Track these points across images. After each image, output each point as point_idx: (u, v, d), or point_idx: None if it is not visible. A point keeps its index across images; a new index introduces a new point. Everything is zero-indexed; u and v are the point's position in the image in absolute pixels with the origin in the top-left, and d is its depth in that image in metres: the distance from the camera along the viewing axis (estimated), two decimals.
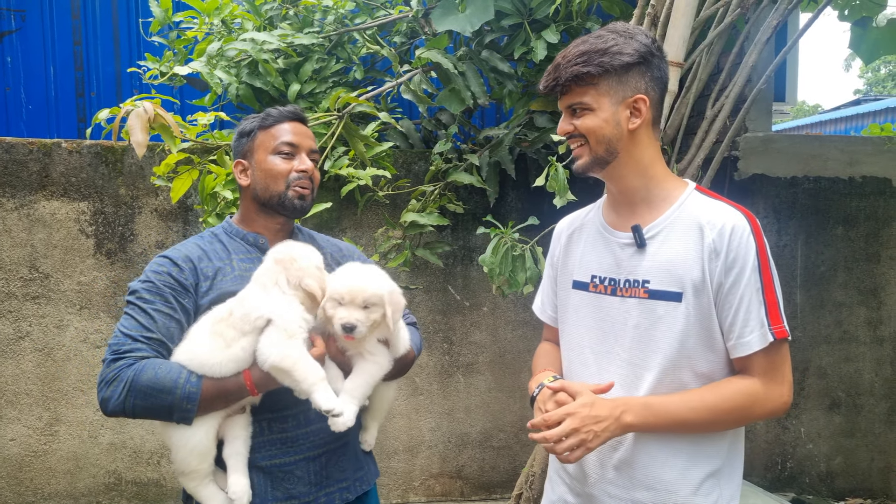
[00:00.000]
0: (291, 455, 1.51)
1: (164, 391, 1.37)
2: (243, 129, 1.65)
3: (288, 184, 1.59)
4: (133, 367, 1.40)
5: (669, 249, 1.36)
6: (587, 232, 1.52)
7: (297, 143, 1.61)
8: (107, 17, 3.79)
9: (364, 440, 1.68)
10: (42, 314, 3.22)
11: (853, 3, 3.46)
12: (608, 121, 1.35)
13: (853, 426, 3.65)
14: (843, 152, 3.62)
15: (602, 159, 1.38)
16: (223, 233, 1.65)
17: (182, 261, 1.53)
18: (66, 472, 3.27)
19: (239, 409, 1.50)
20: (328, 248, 1.74)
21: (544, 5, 3.06)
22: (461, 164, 3.15)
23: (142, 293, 1.48)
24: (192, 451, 1.42)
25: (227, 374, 1.42)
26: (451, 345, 3.49)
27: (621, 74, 1.34)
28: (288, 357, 1.39)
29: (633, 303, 1.39)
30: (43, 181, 3.19)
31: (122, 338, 1.43)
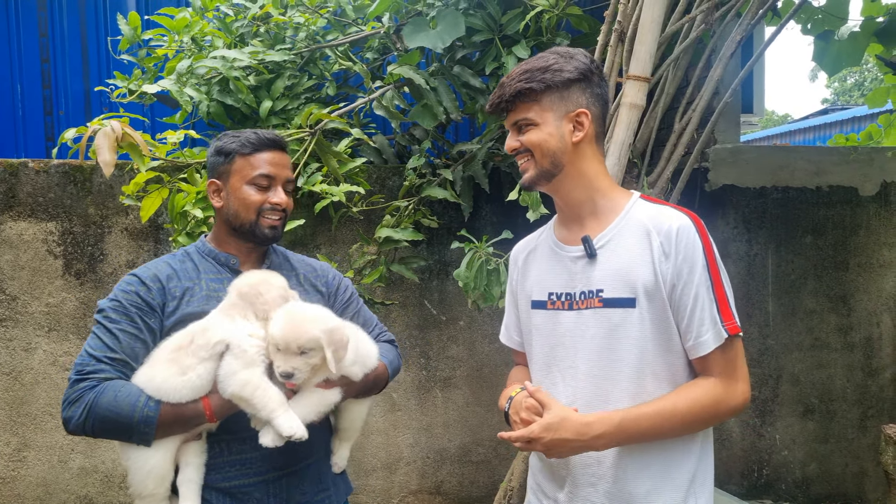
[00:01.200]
0: (251, 476, 1.51)
1: (122, 414, 1.39)
2: (222, 147, 1.63)
3: (259, 213, 1.59)
4: (95, 389, 1.41)
5: (620, 256, 1.39)
6: (541, 252, 1.56)
7: (275, 175, 1.60)
8: (75, 35, 3.76)
9: (334, 462, 1.66)
10: (9, 337, 3.15)
11: (815, 17, 3.54)
12: (552, 134, 1.40)
13: (827, 432, 3.70)
14: (810, 162, 3.69)
15: (548, 172, 1.42)
16: (195, 252, 1.65)
17: (150, 280, 1.54)
18: (35, 498, 3.19)
19: (194, 436, 1.49)
20: (301, 269, 1.73)
21: (514, 21, 3.09)
22: (435, 178, 3.16)
23: (109, 312, 1.49)
24: (149, 474, 1.43)
25: (184, 401, 1.41)
26: (428, 360, 3.48)
27: (563, 90, 1.40)
28: (248, 385, 1.39)
29: (589, 314, 1.41)
30: (9, 201, 3.14)
31: (87, 358, 1.45)
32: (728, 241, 3.62)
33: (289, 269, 1.71)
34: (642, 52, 2.56)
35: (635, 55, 2.58)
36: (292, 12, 3.29)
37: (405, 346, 3.44)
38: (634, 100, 2.53)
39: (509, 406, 1.47)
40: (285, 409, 1.40)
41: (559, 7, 3.02)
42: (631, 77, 2.54)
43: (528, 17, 2.99)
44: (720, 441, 3.63)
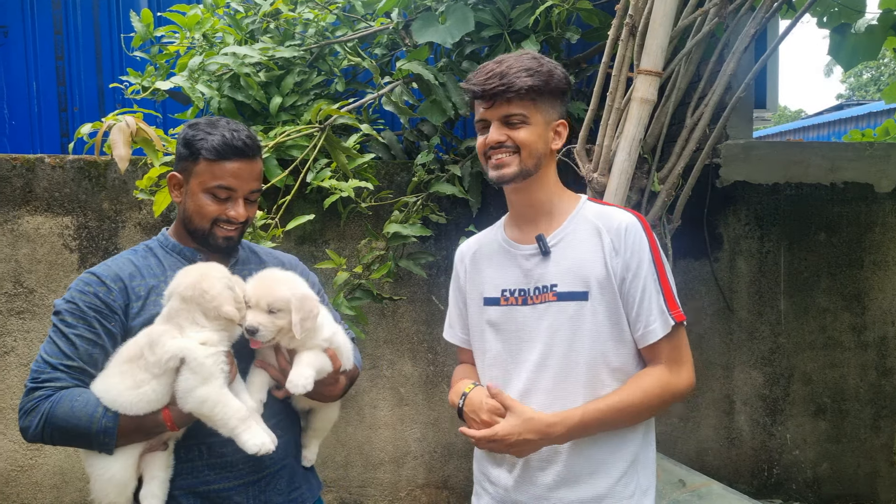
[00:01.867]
0: (230, 480, 1.49)
1: (79, 426, 1.35)
2: (190, 140, 1.51)
3: (213, 223, 1.51)
4: (50, 399, 1.37)
5: (573, 253, 1.47)
6: (490, 251, 1.61)
7: (235, 188, 1.50)
8: (89, 33, 3.81)
9: (305, 457, 1.66)
10: (27, 329, 3.21)
11: (832, 10, 3.49)
12: (541, 136, 1.46)
13: (839, 432, 3.66)
14: (825, 158, 3.64)
15: (528, 172, 1.46)
16: (158, 246, 1.58)
17: (111, 279, 1.46)
18: (52, 486, 3.26)
19: (160, 445, 1.46)
20: (270, 262, 1.69)
21: (524, 16, 3.08)
22: (443, 174, 3.16)
23: (65, 315, 1.42)
24: (109, 482, 1.40)
25: (141, 413, 1.38)
26: (435, 355, 3.49)
27: (555, 98, 1.47)
28: (206, 401, 1.36)
29: (543, 308, 1.48)
30: (26, 196, 3.19)
31: (43, 364, 1.40)
32: (740, 238, 3.59)
33: (257, 262, 1.67)
34: (654, 46, 2.54)
35: (647, 49, 2.56)
36: (302, 9, 3.31)
37: (412, 342, 3.46)
38: (645, 95, 2.51)
39: (463, 402, 1.53)
40: (247, 424, 1.38)
41: (569, 1, 3.00)
42: (642, 72, 2.53)
43: (537, 12, 2.98)
44: (730, 440, 3.61)
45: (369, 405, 3.43)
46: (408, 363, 3.45)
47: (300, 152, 2.91)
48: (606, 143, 2.67)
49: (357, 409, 3.42)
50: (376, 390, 3.43)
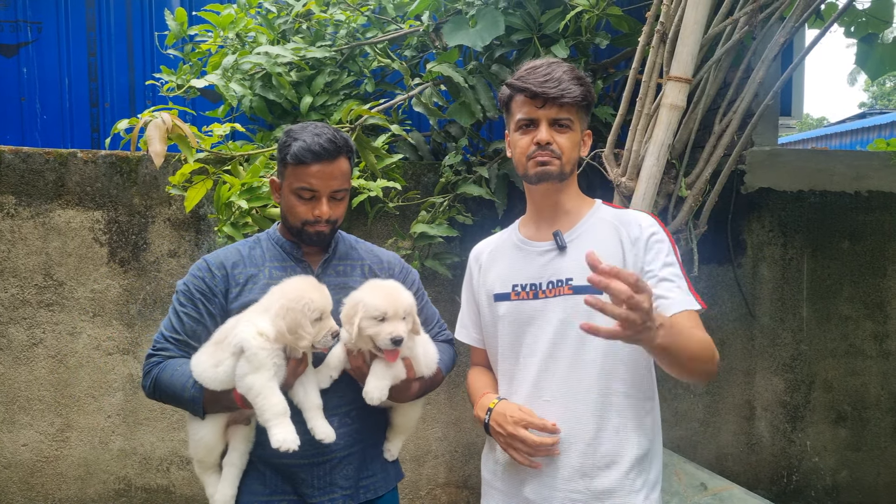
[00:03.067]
0: (298, 458, 1.58)
1: (175, 392, 1.58)
2: (283, 142, 1.62)
3: (304, 223, 1.63)
4: (159, 366, 1.62)
5: (589, 247, 1.44)
6: (504, 249, 1.66)
7: (319, 189, 1.59)
8: (121, 30, 3.86)
9: (387, 449, 1.76)
10: (56, 321, 3.26)
11: (859, 20, 3.50)
12: (577, 143, 1.54)
13: (859, 440, 3.66)
14: (850, 167, 3.65)
15: (564, 175, 1.53)
16: (266, 238, 1.74)
17: (216, 266, 1.65)
18: (76, 477, 3.30)
19: (244, 420, 1.62)
20: (368, 259, 1.78)
21: (554, 21, 3.10)
22: (470, 176, 3.19)
23: (179, 295, 1.65)
24: (198, 443, 1.61)
25: (217, 389, 1.54)
26: (458, 355, 3.50)
27: (588, 109, 1.56)
28: (251, 389, 1.47)
29: (556, 301, 1.51)
30: (59, 190, 3.24)
31: (160, 336, 1.65)
32: (763, 244, 3.60)
33: (355, 258, 1.76)
34: (684, 53, 2.56)
35: (677, 56, 2.57)
36: (333, 10, 3.34)
37: None
38: (675, 101, 2.53)
39: (489, 417, 1.56)
40: (281, 419, 1.47)
41: (599, 7, 3.03)
42: (672, 78, 2.54)
43: (567, 17, 3.00)
44: (749, 446, 3.61)
45: None
46: None
47: None
48: (635, 147, 2.69)
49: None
50: None
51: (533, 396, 1.55)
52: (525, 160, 1.53)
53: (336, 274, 1.70)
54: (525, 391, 1.56)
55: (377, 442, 1.74)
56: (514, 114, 1.55)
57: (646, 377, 1.55)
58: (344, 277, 1.70)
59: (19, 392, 3.24)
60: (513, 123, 1.56)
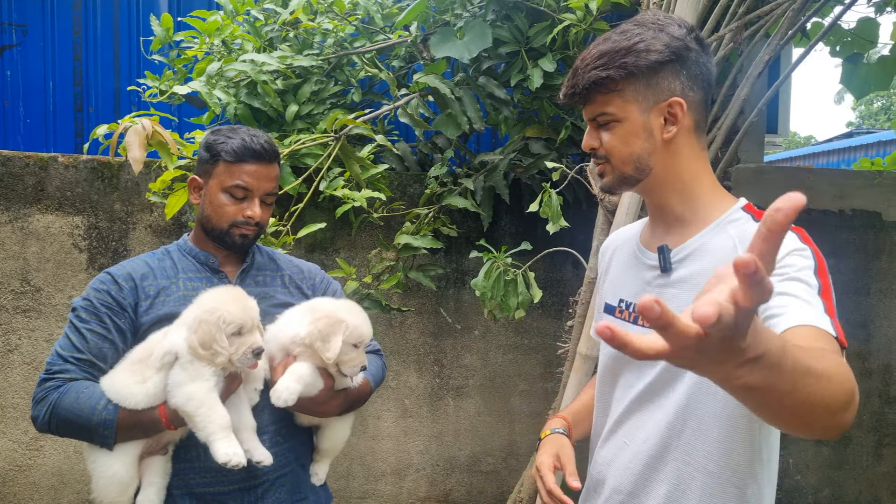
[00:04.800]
0: (226, 485, 1.49)
1: (82, 416, 1.40)
2: (210, 144, 1.58)
3: (231, 224, 1.56)
4: (59, 390, 1.43)
5: (696, 274, 1.14)
6: (625, 251, 1.35)
7: (253, 188, 1.55)
8: (107, 35, 3.83)
9: (315, 473, 1.65)
10: (32, 327, 3.20)
11: (844, 40, 3.53)
12: (638, 133, 1.15)
13: (841, 458, 3.65)
14: (834, 185, 3.66)
15: (631, 178, 1.18)
16: (176, 250, 1.63)
17: (123, 279, 1.52)
18: (50, 487, 3.24)
19: (160, 449, 1.47)
20: (288, 269, 1.71)
21: (541, 34, 3.11)
22: (456, 187, 3.18)
23: (80, 311, 1.49)
24: (110, 480, 1.42)
25: (139, 407, 1.41)
26: (441, 367, 3.48)
27: (650, 76, 1.12)
28: (191, 400, 1.36)
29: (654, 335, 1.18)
30: (38, 195, 3.20)
31: (56, 357, 1.47)
32: None
33: (274, 269, 1.69)
34: None
35: None
36: (321, 18, 3.33)
37: (419, 353, 3.46)
38: None
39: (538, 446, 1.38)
40: (226, 433, 1.37)
41: (586, 21, 3.03)
42: None
43: (555, 31, 3.00)
44: None
45: (373, 416, 3.42)
46: (413, 375, 3.45)
47: (314, 161, 2.93)
48: None
49: (360, 420, 3.41)
50: (381, 401, 3.42)
51: (614, 432, 1.28)
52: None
53: (255, 284, 1.62)
54: (609, 425, 1.29)
55: (307, 463, 1.65)
56: None
57: (747, 464, 1.14)
58: (264, 287, 1.63)
59: None
60: None
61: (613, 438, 1.28)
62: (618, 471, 1.25)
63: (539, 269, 2.83)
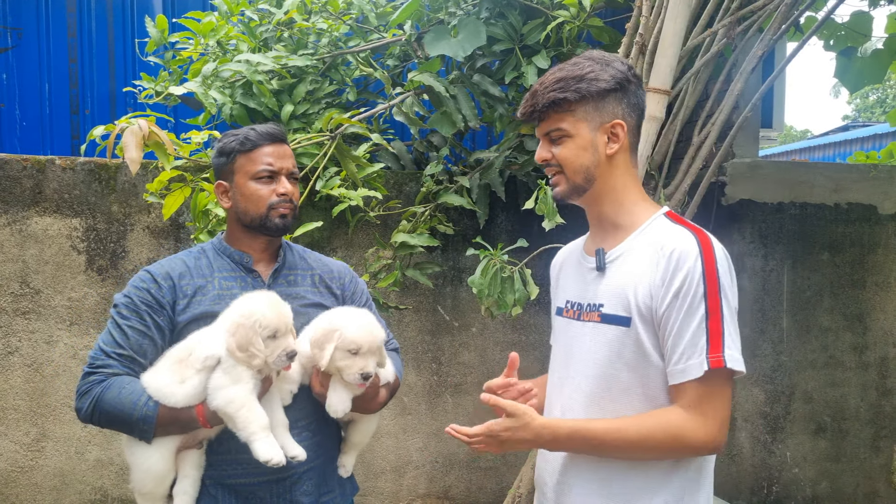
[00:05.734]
0: (257, 476, 1.53)
1: (124, 411, 1.45)
2: (223, 148, 1.65)
3: (270, 207, 1.60)
4: (102, 384, 1.48)
5: (623, 274, 1.34)
6: (571, 260, 1.55)
7: (277, 168, 1.61)
8: (103, 36, 3.84)
9: (342, 464, 1.70)
10: (32, 329, 3.22)
11: (838, 34, 3.54)
12: (586, 148, 1.35)
13: (839, 451, 3.67)
14: (829, 179, 3.68)
15: (580, 187, 1.37)
16: (211, 249, 1.67)
17: (162, 278, 1.56)
18: (52, 488, 3.25)
19: (195, 443, 1.52)
20: (318, 268, 1.74)
21: (535, 32, 3.12)
22: (452, 185, 3.19)
23: (121, 308, 1.54)
24: (147, 472, 1.48)
25: (180, 405, 1.46)
26: (439, 365, 3.50)
27: (598, 100, 1.34)
28: (232, 402, 1.41)
29: (589, 327, 1.39)
30: (36, 197, 3.21)
31: (99, 352, 1.51)
32: (744, 255, 3.61)
33: (305, 267, 1.72)
34: (663, 64, 2.58)
35: (656, 68, 2.59)
36: (315, 18, 3.34)
37: (417, 351, 3.47)
38: (654, 112, 2.54)
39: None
40: (266, 433, 1.42)
41: (580, 18, 3.04)
42: (651, 89, 2.56)
43: (549, 28, 3.01)
44: (730, 456, 3.61)
45: None
46: (412, 373, 3.46)
47: (310, 160, 2.93)
48: None
49: None
50: None
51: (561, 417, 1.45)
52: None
53: (287, 284, 1.66)
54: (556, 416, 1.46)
55: (334, 456, 1.70)
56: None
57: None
58: (295, 287, 1.67)
59: None
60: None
61: None
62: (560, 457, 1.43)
63: (535, 265, 2.84)
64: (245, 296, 1.50)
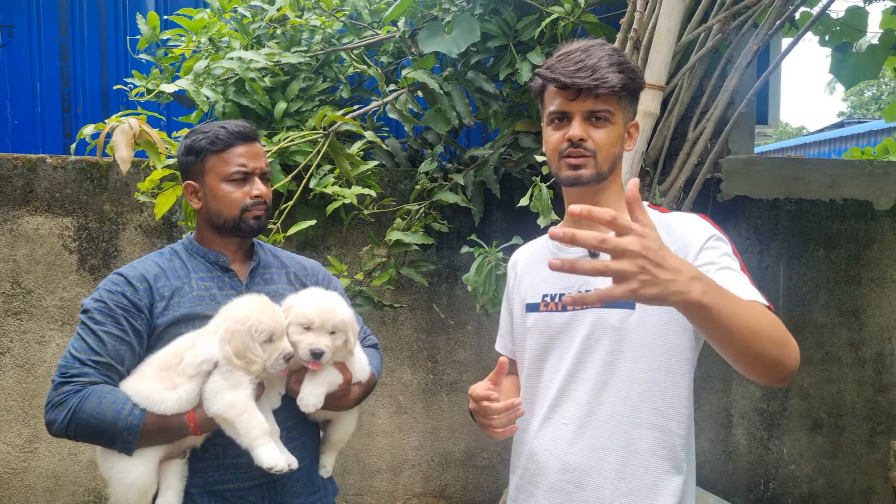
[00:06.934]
0: (245, 481, 1.50)
1: (106, 421, 1.38)
2: (191, 146, 1.58)
3: (243, 209, 1.57)
4: (79, 394, 1.39)
5: None
6: (539, 257, 1.51)
7: (251, 169, 1.57)
8: (94, 34, 3.81)
9: (323, 465, 1.68)
10: (23, 330, 3.19)
11: (833, 29, 3.53)
12: (620, 137, 1.34)
13: (835, 447, 3.67)
14: (825, 175, 3.67)
15: (603, 176, 1.35)
16: (183, 250, 1.62)
17: (137, 280, 1.50)
18: (45, 489, 3.23)
19: (180, 453, 1.48)
20: (292, 266, 1.73)
21: (529, 28, 3.10)
22: (446, 183, 3.17)
23: (94, 313, 1.46)
24: (131, 487, 1.41)
25: (169, 413, 1.41)
26: (435, 363, 3.48)
27: (634, 96, 1.36)
28: (233, 407, 1.38)
29: (583, 314, 1.35)
30: (27, 196, 3.18)
31: (71, 360, 1.42)
32: (739, 252, 3.59)
33: (278, 266, 1.70)
34: (657, 60, 2.56)
35: (650, 63, 2.58)
36: (309, 15, 3.32)
37: (412, 350, 3.46)
38: (648, 108, 2.53)
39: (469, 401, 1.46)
40: (267, 439, 1.40)
41: (575, 14, 3.02)
42: (646, 85, 2.55)
43: (543, 24, 2.99)
44: (726, 453, 3.61)
45: (367, 413, 3.42)
46: (407, 371, 3.45)
47: (304, 158, 2.92)
48: None
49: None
50: (375, 398, 3.42)
51: (550, 419, 1.40)
52: (557, 159, 1.35)
53: (264, 282, 1.64)
54: (543, 413, 1.41)
55: (316, 457, 1.68)
56: (546, 106, 1.37)
57: (682, 407, 1.34)
58: (272, 285, 1.65)
59: None
60: (545, 116, 1.39)
61: (549, 424, 1.40)
62: (562, 451, 1.36)
63: None
64: (235, 301, 1.47)
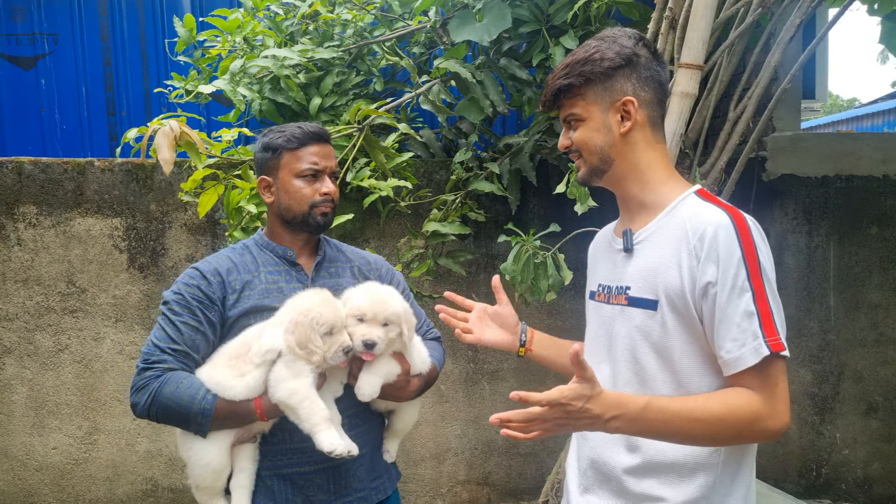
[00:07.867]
0: (311, 464, 1.58)
1: (182, 404, 1.49)
2: (268, 143, 1.69)
3: (312, 205, 1.65)
4: (159, 379, 1.51)
5: (651, 255, 1.31)
6: (602, 244, 1.53)
7: (322, 167, 1.66)
8: (135, 38, 3.91)
9: (387, 450, 1.75)
10: (80, 327, 3.33)
11: None
12: (599, 129, 1.34)
13: (891, 431, 3.55)
14: (877, 150, 3.52)
15: (598, 169, 1.36)
16: (254, 245, 1.73)
17: (211, 274, 1.61)
18: (105, 479, 3.38)
19: (250, 437, 1.57)
20: (356, 261, 1.80)
21: (562, 11, 3.05)
22: (482, 172, 3.16)
23: (172, 305, 1.58)
24: (206, 467, 1.52)
25: (238, 399, 1.50)
26: (475, 352, 3.49)
27: (605, 80, 1.32)
28: (295, 394, 1.45)
29: (617, 310, 1.36)
30: (78, 199, 3.30)
31: (153, 348, 1.55)
32: (787, 232, 3.50)
33: (343, 260, 1.78)
34: (695, 38, 2.49)
35: (687, 43, 2.50)
36: (340, 9, 3.33)
37: (453, 339, 3.46)
38: (686, 88, 2.46)
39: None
40: (328, 424, 1.46)
41: None
42: (683, 65, 2.48)
43: (576, 7, 2.94)
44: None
45: None
46: (448, 361, 3.46)
47: (340, 152, 2.94)
48: None
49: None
50: None
51: None
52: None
53: (329, 276, 1.71)
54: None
55: (380, 444, 1.75)
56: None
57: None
58: (337, 279, 1.72)
59: (47, 397, 3.32)
60: None
61: None
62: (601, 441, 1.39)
63: (569, 250, 2.80)
64: (299, 294, 1.54)
